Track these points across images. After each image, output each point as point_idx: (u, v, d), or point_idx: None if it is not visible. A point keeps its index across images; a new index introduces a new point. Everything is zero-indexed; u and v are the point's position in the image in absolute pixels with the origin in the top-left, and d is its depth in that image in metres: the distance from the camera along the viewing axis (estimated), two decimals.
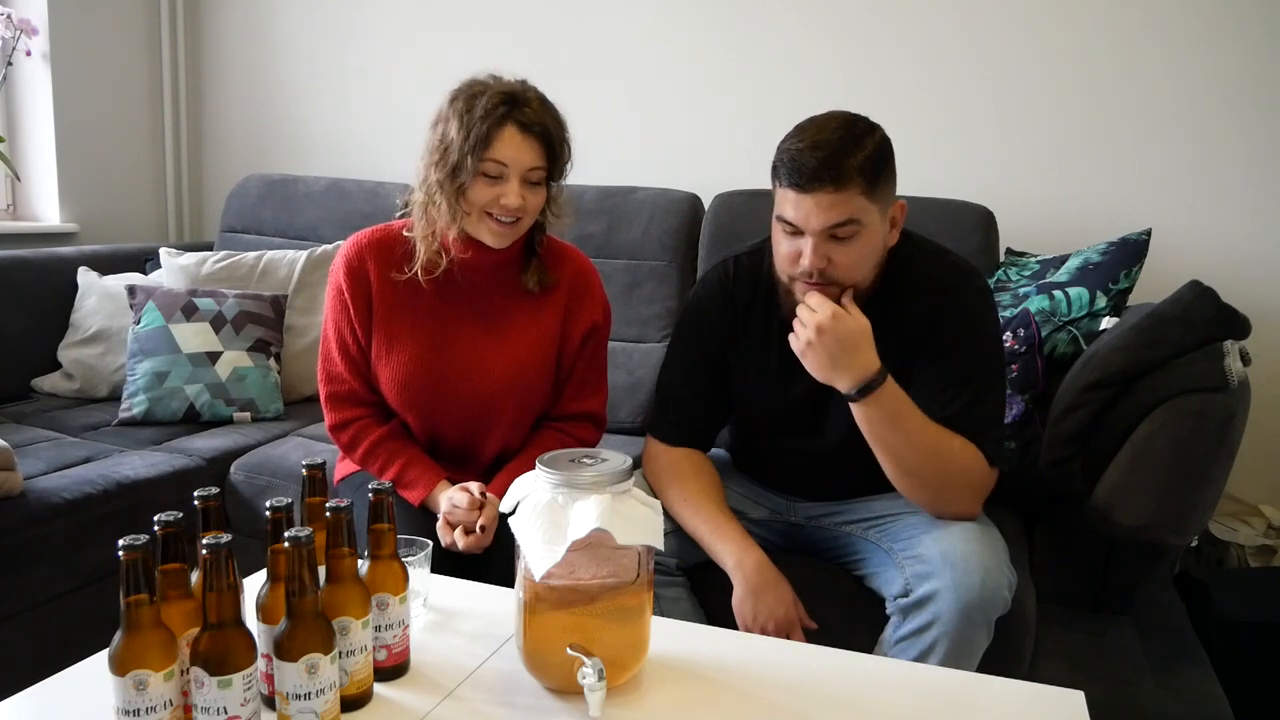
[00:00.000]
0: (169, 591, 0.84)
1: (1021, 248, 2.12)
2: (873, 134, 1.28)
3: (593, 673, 0.90)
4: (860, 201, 1.25)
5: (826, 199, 1.24)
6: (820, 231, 1.26)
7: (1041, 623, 1.47)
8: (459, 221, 1.40)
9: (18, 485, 1.65)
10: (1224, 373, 1.38)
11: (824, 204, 1.24)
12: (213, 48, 3.06)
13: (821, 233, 1.27)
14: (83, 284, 2.40)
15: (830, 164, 1.23)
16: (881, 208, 1.29)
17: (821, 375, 1.30)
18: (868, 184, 1.25)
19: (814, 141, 1.25)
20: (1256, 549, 2.06)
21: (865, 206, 1.26)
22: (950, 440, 1.30)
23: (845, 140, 1.24)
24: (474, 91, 1.37)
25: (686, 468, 1.48)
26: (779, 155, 1.29)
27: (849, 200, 1.24)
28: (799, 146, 1.26)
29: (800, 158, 1.25)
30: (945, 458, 1.30)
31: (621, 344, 2.22)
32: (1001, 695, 1.02)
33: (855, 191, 1.24)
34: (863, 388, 1.27)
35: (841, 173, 1.23)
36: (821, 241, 1.27)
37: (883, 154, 1.28)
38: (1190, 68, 2.13)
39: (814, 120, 1.29)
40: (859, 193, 1.24)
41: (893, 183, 1.31)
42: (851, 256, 1.28)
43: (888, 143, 1.30)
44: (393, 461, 1.48)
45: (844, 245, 1.28)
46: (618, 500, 0.95)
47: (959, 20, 2.28)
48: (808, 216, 1.26)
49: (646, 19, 2.55)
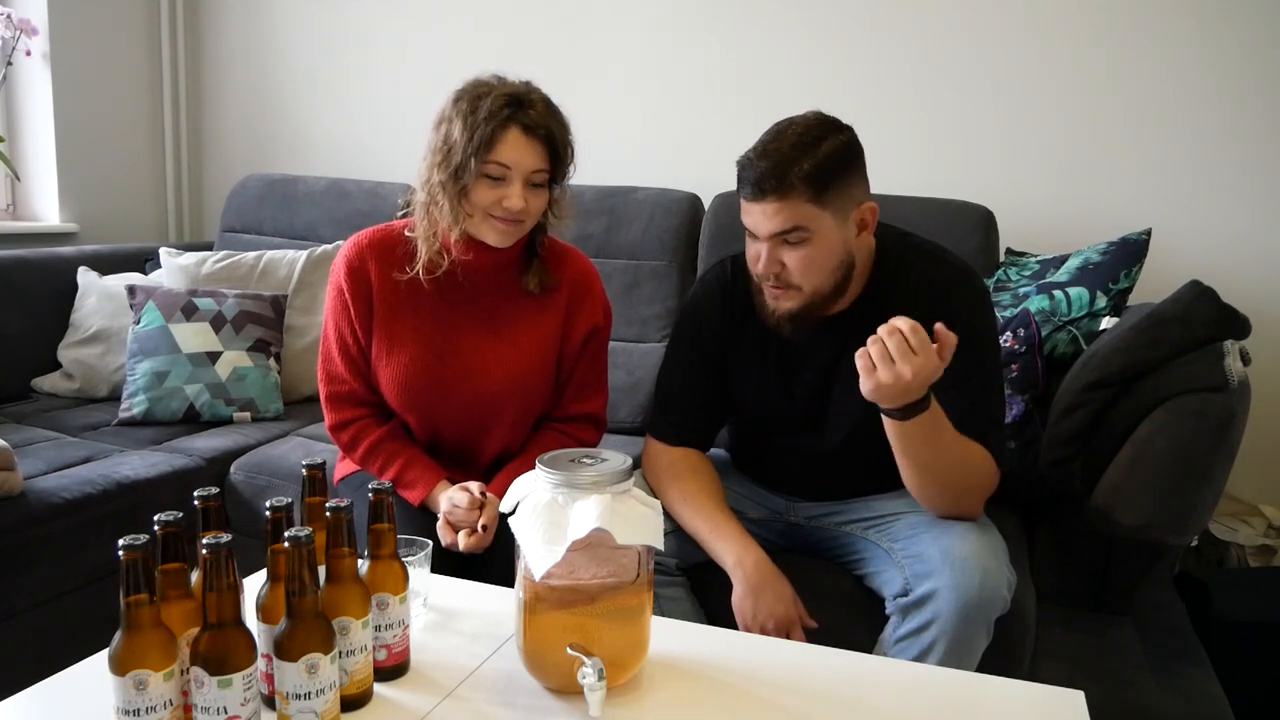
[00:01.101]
0: (169, 591, 0.84)
1: (1021, 248, 2.12)
2: (831, 139, 1.27)
3: (593, 673, 0.90)
4: (806, 209, 1.26)
5: (771, 207, 1.27)
6: (769, 238, 1.29)
7: (1041, 623, 1.47)
8: (461, 222, 1.40)
9: (18, 485, 1.65)
10: (1224, 373, 1.38)
11: (769, 212, 1.28)
12: (213, 48, 3.06)
13: (771, 239, 1.30)
14: (83, 284, 2.40)
15: (772, 174, 1.25)
16: (835, 213, 1.28)
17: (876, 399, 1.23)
18: (814, 192, 1.26)
19: (764, 150, 1.28)
20: (1256, 549, 2.06)
21: (813, 214, 1.27)
22: (973, 449, 1.30)
23: (795, 149, 1.26)
24: (478, 92, 1.37)
25: (686, 467, 1.48)
26: (737, 163, 1.32)
27: (794, 208, 1.26)
28: (750, 156, 1.29)
29: (748, 167, 1.29)
30: (970, 467, 1.31)
31: (621, 344, 2.22)
32: (1001, 695, 1.03)
33: (800, 200, 1.26)
34: (909, 407, 1.22)
35: (784, 183, 1.25)
36: (774, 247, 1.30)
37: (838, 160, 1.27)
38: (1190, 68, 2.13)
39: (778, 126, 1.31)
40: (805, 201, 1.26)
41: (854, 186, 1.30)
42: (803, 262, 1.30)
43: (849, 147, 1.30)
44: (393, 461, 1.48)
45: (795, 250, 1.30)
46: (618, 500, 0.95)
47: (959, 20, 2.28)
48: (757, 223, 1.30)
49: (647, 19, 2.55)
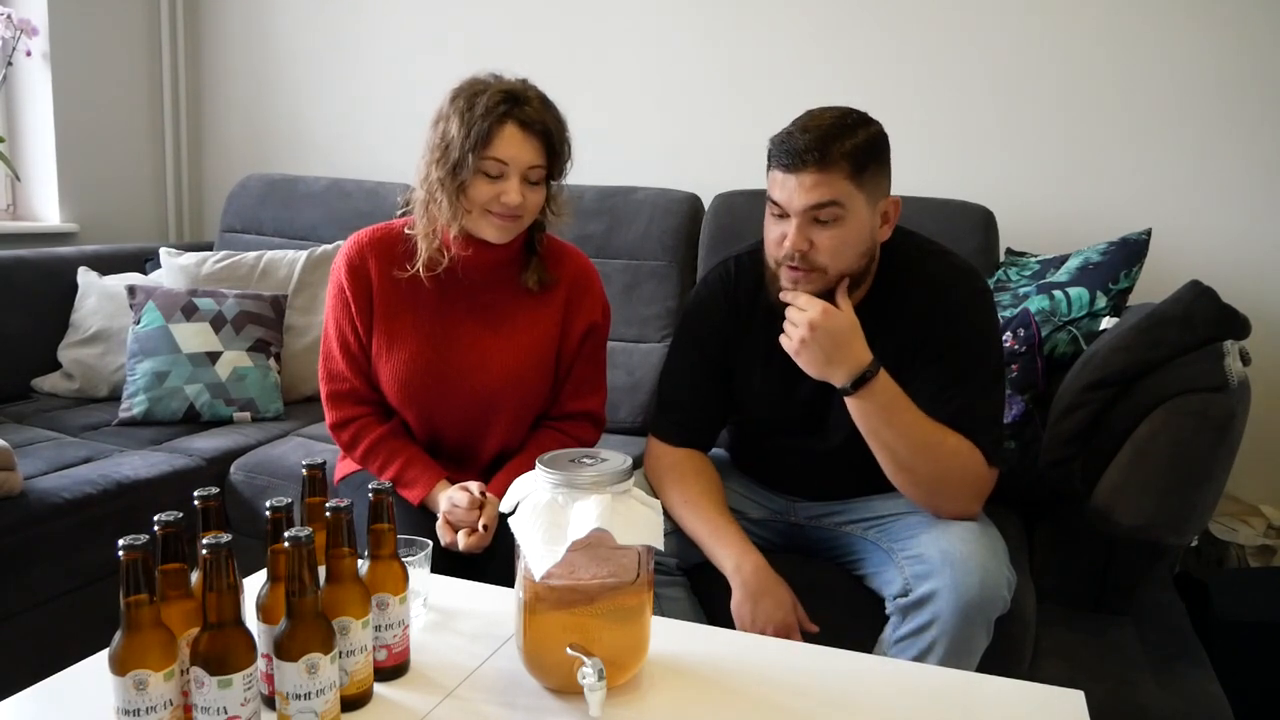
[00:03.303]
0: (169, 591, 0.84)
1: (1021, 248, 2.12)
2: (867, 126, 1.30)
3: (593, 673, 0.90)
4: (845, 185, 1.27)
5: (810, 179, 1.27)
6: (803, 212, 1.29)
7: (1041, 623, 1.47)
8: (460, 219, 1.41)
9: (18, 485, 1.65)
10: (1224, 373, 1.38)
11: (807, 184, 1.27)
12: (213, 48, 3.06)
13: (804, 213, 1.29)
14: (83, 284, 2.40)
15: (817, 145, 1.26)
16: (869, 197, 1.30)
17: (816, 372, 1.31)
18: (854, 169, 1.27)
19: (805, 125, 1.29)
20: (1256, 549, 2.06)
21: (850, 191, 1.27)
22: (945, 436, 1.31)
23: (837, 126, 1.28)
24: (475, 90, 1.38)
25: (688, 469, 1.48)
26: (772, 140, 1.32)
27: (833, 182, 1.27)
28: (791, 130, 1.30)
29: (790, 139, 1.29)
30: (939, 452, 1.31)
31: (621, 344, 2.22)
32: (1001, 695, 1.03)
33: (840, 175, 1.26)
34: (857, 380, 1.28)
35: (826, 154, 1.26)
36: (805, 223, 1.30)
37: (874, 145, 1.30)
38: (1190, 68, 2.13)
39: (812, 110, 1.32)
40: (844, 176, 1.27)
41: (884, 176, 1.33)
42: (834, 241, 1.30)
43: (883, 137, 1.32)
44: (393, 460, 1.48)
45: (826, 229, 1.29)
46: (618, 500, 0.95)
47: (959, 20, 2.28)
48: (791, 196, 1.29)
49: (647, 19, 2.55)
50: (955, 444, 1.31)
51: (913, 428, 1.30)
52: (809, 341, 1.28)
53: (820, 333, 1.28)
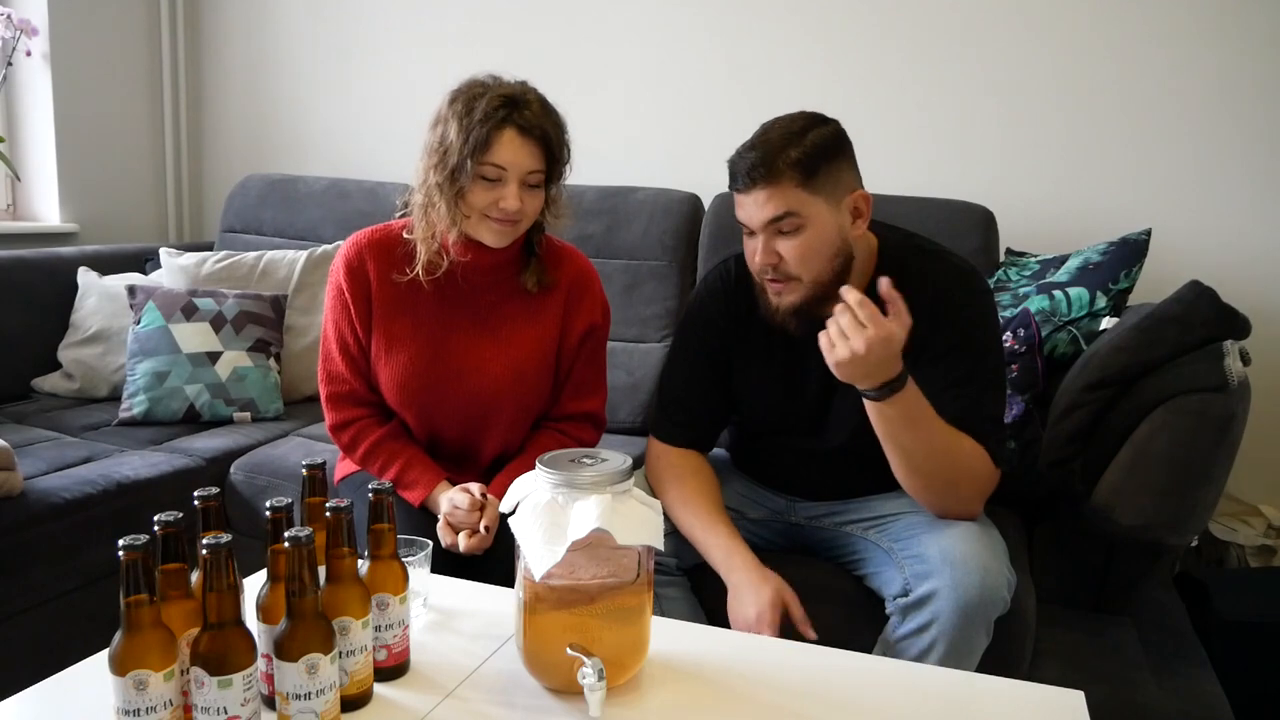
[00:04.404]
0: (169, 591, 0.84)
1: (1021, 248, 2.12)
2: (817, 129, 1.30)
3: (593, 673, 0.90)
4: (797, 194, 1.28)
5: (762, 195, 1.29)
6: (763, 227, 1.30)
7: (1041, 623, 1.47)
8: (458, 224, 1.40)
9: (18, 485, 1.65)
10: (1224, 373, 1.38)
11: (760, 200, 1.29)
12: (213, 48, 3.06)
13: (765, 228, 1.30)
14: (83, 284, 2.40)
15: (762, 161, 1.28)
16: (827, 199, 1.29)
17: (846, 378, 1.26)
18: (804, 176, 1.27)
19: (753, 143, 1.31)
20: (1256, 549, 2.06)
21: (804, 199, 1.28)
22: (961, 441, 1.30)
23: (782, 137, 1.28)
24: (474, 93, 1.37)
25: (688, 469, 1.48)
26: (728, 162, 1.34)
27: (784, 194, 1.28)
28: (740, 150, 1.32)
29: (739, 160, 1.31)
30: (956, 458, 1.30)
31: (621, 344, 2.22)
32: (1001, 695, 1.02)
33: (790, 185, 1.27)
34: (884, 387, 1.24)
35: (772, 168, 1.27)
36: (769, 238, 1.31)
37: (824, 147, 1.29)
38: (1190, 68, 2.13)
39: (765, 124, 1.33)
40: (794, 185, 1.27)
41: (844, 173, 1.31)
42: (800, 250, 1.30)
43: (835, 137, 1.31)
44: (393, 462, 1.48)
45: (790, 239, 1.30)
46: (618, 500, 0.95)
47: (958, 20, 2.28)
48: (750, 214, 1.31)
49: (646, 19, 2.55)
50: (968, 448, 1.31)
51: (932, 434, 1.28)
52: (860, 358, 1.21)
53: (873, 354, 1.21)
